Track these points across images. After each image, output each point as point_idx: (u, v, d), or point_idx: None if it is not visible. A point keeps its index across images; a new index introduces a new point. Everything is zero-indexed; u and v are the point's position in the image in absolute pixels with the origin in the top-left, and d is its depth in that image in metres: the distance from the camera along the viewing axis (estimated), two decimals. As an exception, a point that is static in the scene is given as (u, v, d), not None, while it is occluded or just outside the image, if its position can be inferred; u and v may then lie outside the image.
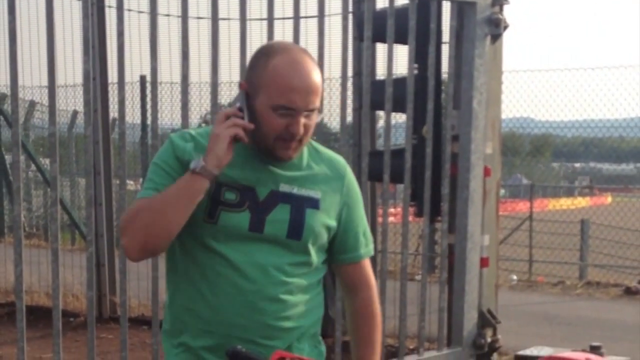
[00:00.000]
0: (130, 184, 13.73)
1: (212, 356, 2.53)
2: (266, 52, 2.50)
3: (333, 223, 2.61)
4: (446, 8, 5.85)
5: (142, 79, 9.91)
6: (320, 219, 2.57)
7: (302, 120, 2.44)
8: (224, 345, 2.46)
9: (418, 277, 7.07)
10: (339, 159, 2.71)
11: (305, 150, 2.60)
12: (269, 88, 2.43)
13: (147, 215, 2.43)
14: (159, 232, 2.43)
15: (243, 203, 2.51)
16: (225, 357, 2.41)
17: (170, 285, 2.64)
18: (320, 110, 2.53)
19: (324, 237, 2.60)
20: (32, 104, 14.19)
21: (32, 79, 10.81)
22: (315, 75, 2.47)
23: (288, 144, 2.47)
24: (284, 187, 2.54)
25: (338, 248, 2.66)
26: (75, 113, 14.47)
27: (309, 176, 2.59)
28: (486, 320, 6.34)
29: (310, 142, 2.64)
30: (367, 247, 2.71)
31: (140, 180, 10.85)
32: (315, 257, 2.59)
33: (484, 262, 6.22)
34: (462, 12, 5.77)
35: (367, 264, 2.73)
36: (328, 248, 2.65)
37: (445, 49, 5.91)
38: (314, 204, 2.57)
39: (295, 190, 2.55)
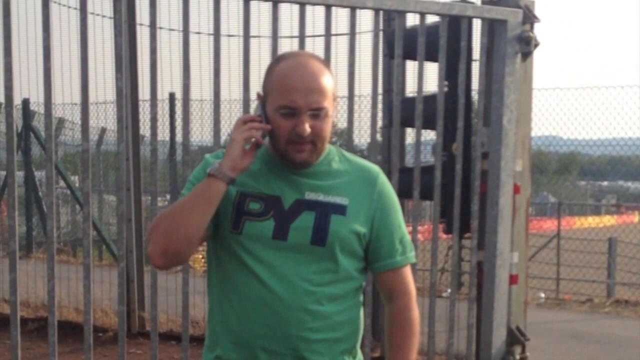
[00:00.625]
0: (160, 200, 13.82)
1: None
2: (276, 60, 2.56)
3: (363, 229, 2.57)
4: (477, 26, 5.86)
5: (171, 96, 10.00)
6: (347, 224, 2.55)
7: (308, 121, 2.45)
8: (253, 358, 2.49)
9: (445, 294, 7.06)
10: (371, 166, 2.69)
11: (334, 158, 2.62)
12: (274, 91, 2.48)
13: (168, 221, 2.47)
14: (178, 236, 2.45)
15: (268, 212, 2.53)
16: None
17: (210, 300, 2.67)
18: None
19: (353, 244, 2.57)
20: (61, 121, 14.33)
21: (63, 96, 10.92)
22: (321, 76, 2.48)
23: (299, 146, 2.48)
24: (309, 195, 2.55)
25: (373, 256, 2.63)
26: (103, 130, 14.61)
27: (336, 183, 2.58)
28: (515, 337, 6.31)
29: (340, 150, 2.67)
30: (404, 254, 2.66)
31: (168, 196, 10.93)
32: (344, 264, 2.56)
33: (513, 280, 6.20)
34: (492, 29, 5.78)
35: (405, 271, 2.67)
36: (365, 257, 2.63)
37: (475, 67, 5.92)
38: (341, 210, 2.55)
39: (322, 197, 2.55)
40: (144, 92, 8.00)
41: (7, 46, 4.31)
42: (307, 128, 2.45)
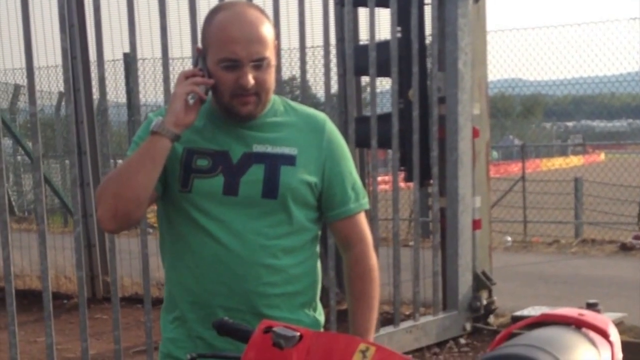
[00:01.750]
0: (120, 163, 13.70)
1: (203, 328, 2.49)
2: (213, 10, 2.47)
3: (314, 179, 2.51)
4: (427, -32, 5.77)
5: (125, 56, 9.81)
6: (298, 175, 2.48)
7: (251, 72, 2.38)
8: (211, 316, 2.42)
9: (412, 243, 7.04)
10: (318, 114, 2.61)
11: (280, 108, 2.55)
12: (214, 44, 2.40)
13: (115, 182, 2.41)
14: (126, 198, 2.38)
15: (216, 168, 2.46)
16: (211, 329, 2.37)
17: (164, 262, 2.61)
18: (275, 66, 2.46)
19: (306, 194, 2.51)
20: (17, 88, 14.07)
21: (14, 61, 10.68)
22: (260, 26, 2.41)
23: (244, 99, 2.41)
24: (257, 148, 2.48)
25: (326, 204, 2.56)
26: (61, 94, 14.36)
27: (284, 133, 2.52)
28: (481, 282, 6.33)
29: (286, 100, 2.60)
30: (357, 201, 2.58)
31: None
32: (298, 215, 2.50)
33: (476, 225, 6.19)
34: (443, -29, 5.70)
35: (359, 218, 2.60)
36: (318, 206, 2.57)
37: (427, 11, 5.84)
38: (290, 160, 2.49)
39: (270, 149, 2.48)
40: (94, 54, 7.82)
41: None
42: (251, 80, 2.37)
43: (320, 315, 2.63)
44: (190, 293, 2.51)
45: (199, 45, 2.48)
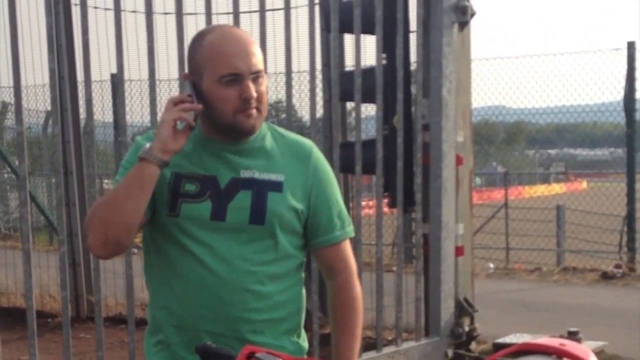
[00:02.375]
0: (106, 183, 13.66)
1: (186, 352, 2.50)
2: (199, 35, 2.51)
3: (300, 205, 2.53)
4: (413, -3, 5.84)
5: (113, 77, 9.84)
6: (285, 201, 2.50)
7: (252, 85, 2.41)
8: (196, 340, 2.42)
9: (395, 268, 7.07)
10: (305, 141, 2.63)
11: (267, 134, 2.56)
12: (210, 63, 2.41)
13: (104, 209, 2.42)
14: (116, 224, 2.39)
15: (204, 193, 2.48)
16: (195, 353, 2.38)
17: (148, 285, 2.62)
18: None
19: (292, 221, 2.53)
20: (5, 105, 14.04)
21: (1, 79, 10.69)
22: (252, 42, 2.46)
23: (248, 112, 2.42)
24: (245, 173, 2.49)
25: (312, 232, 2.57)
26: (48, 113, 14.34)
27: (271, 160, 2.54)
28: (463, 309, 6.35)
29: (272, 126, 2.62)
30: (343, 228, 2.60)
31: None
32: (284, 242, 2.52)
33: (459, 251, 6.22)
34: (428, 0, 5.76)
35: (344, 246, 2.62)
36: (304, 233, 2.58)
37: (413, 38, 5.90)
38: (277, 187, 2.50)
39: (257, 175, 2.50)
40: (82, 74, 7.84)
41: None
42: (254, 91, 2.40)
43: (304, 341, 2.65)
44: (176, 317, 2.52)
45: (185, 72, 2.50)
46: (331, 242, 2.59)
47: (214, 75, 2.40)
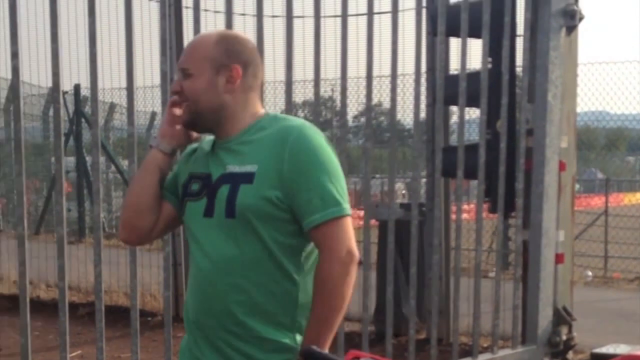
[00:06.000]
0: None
1: (194, 345, 2.66)
2: None
3: (275, 192, 2.50)
4: (520, 1, 5.79)
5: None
6: (255, 192, 2.50)
7: (179, 79, 2.59)
8: (192, 333, 2.65)
9: (492, 274, 7.02)
10: (292, 125, 2.58)
11: (265, 126, 2.60)
12: None
13: (126, 197, 2.74)
14: (126, 206, 2.70)
15: (202, 191, 2.62)
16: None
17: None
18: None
19: (268, 209, 2.50)
20: (112, 106, 14.43)
21: (112, 81, 10.97)
22: (200, 42, 2.64)
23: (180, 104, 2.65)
24: (229, 168, 2.58)
25: (297, 215, 2.53)
26: (153, 114, 14.67)
27: (250, 151, 2.57)
28: (561, 317, 6.25)
29: (276, 115, 2.68)
30: (324, 210, 2.50)
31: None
32: (265, 232, 2.51)
33: (559, 259, 6.14)
34: (536, 3, 5.70)
35: (328, 228, 2.50)
36: (295, 218, 2.54)
37: (519, 42, 5.85)
38: (248, 178, 2.52)
39: (237, 168, 2.56)
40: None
41: (54, 32, 4.30)
42: (177, 85, 2.60)
43: (299, 336, 2.59)
44: (185, 310, 2.70)
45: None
46: (312, 225, 2.51)
47: None
